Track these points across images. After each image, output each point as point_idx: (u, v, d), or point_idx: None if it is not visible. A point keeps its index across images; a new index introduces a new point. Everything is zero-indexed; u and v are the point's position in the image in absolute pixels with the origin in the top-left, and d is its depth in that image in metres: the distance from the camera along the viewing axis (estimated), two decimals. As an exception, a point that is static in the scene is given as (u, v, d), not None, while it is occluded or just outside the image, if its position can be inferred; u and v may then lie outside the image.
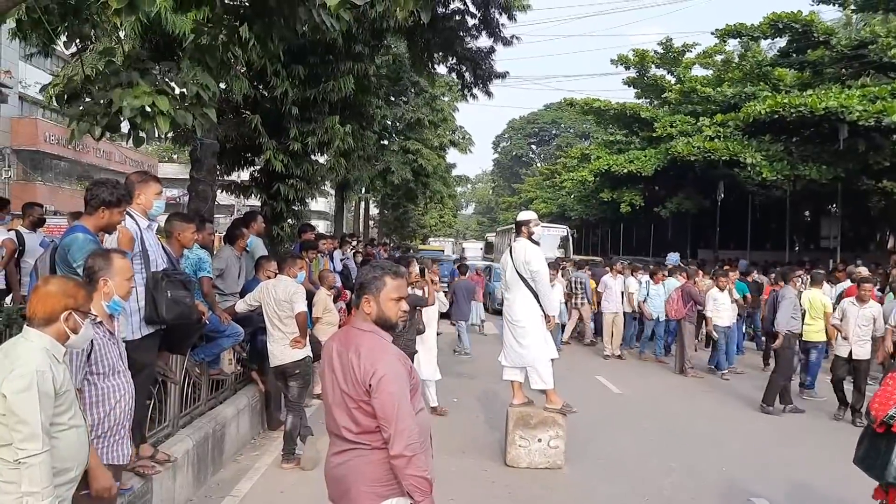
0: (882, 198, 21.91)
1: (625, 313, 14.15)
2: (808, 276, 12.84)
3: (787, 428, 8.86)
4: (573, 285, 15.60)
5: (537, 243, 7.27)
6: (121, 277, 3.66)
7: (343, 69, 11.16)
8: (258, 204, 12.87)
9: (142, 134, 4.52)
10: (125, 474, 4.26)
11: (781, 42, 23.84)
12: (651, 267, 15.15)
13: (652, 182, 29.29)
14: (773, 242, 31.75)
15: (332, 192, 28.37)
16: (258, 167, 12.30)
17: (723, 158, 22.01)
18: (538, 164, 77.06)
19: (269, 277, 7.03)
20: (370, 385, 2.77)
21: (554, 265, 12.81)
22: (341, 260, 11.44)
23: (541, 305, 7.07)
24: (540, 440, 6.88)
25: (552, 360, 7.33)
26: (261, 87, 11.24)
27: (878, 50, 19.36)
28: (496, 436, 7.62)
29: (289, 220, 12.25)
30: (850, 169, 20.50)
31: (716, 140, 22.30)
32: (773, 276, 14.50)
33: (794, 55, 22.79)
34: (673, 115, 27.72)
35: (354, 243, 14.40)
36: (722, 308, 11.95)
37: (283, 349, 6.61)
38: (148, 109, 4.14)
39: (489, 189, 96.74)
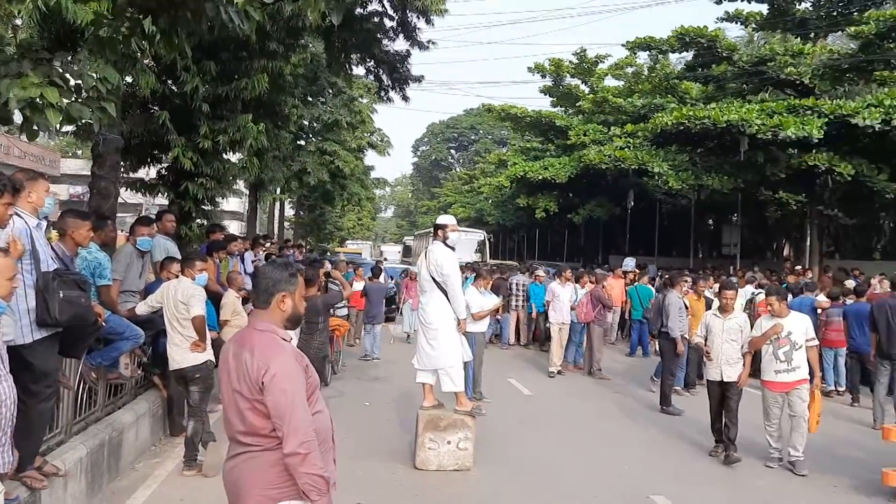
0: (778, 208, 22.98)
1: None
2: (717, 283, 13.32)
3: (686, 427, 9.21)
4: (515, 287, 15.85)
5: (452, 248, 7.34)
6: (1, 277, 3.48)
7: (257, 67, 10.92)
8: (166, 203, 12.44)
9: (35, 127, 4.32)
10: (10, 483, 4.06)
11: (689, 56, 24.79)
12: (579, 271, 14.96)
13: (566, 189, 29.92)
14: (679, 249, 32.94)
15: (246, 191, 27.76)
16: (166, 164, 11.90)
17: (632, 167, 22.71)
18: (457, 169, 77.59)
19: (169, 278, 6.82)
20: (263, 383, 2.72)
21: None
22: (252, 262, 11.19)
23: (453, 309, 7.15)
24: (449, 442, 6.92)
25: (466, 362, 7.44)
26: (170, 82, 10.88)
27: (776, 67, 20.42)
28: (407, 439, 7.63)
29: (198, 220, 11.87)
30: (749, 180, 21.47)
31: (626, 149, 23.01)
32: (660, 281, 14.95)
33: (700, 69, 23.75)
34: (586, 123, 28.47)
35: (268, 245, 14.13)
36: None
37: (182, 353, 6.42)
38: (38, 101, 3.95)
39: (408, 192, 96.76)
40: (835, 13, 21.87)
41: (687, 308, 10.54)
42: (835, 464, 7.56)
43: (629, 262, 19.27)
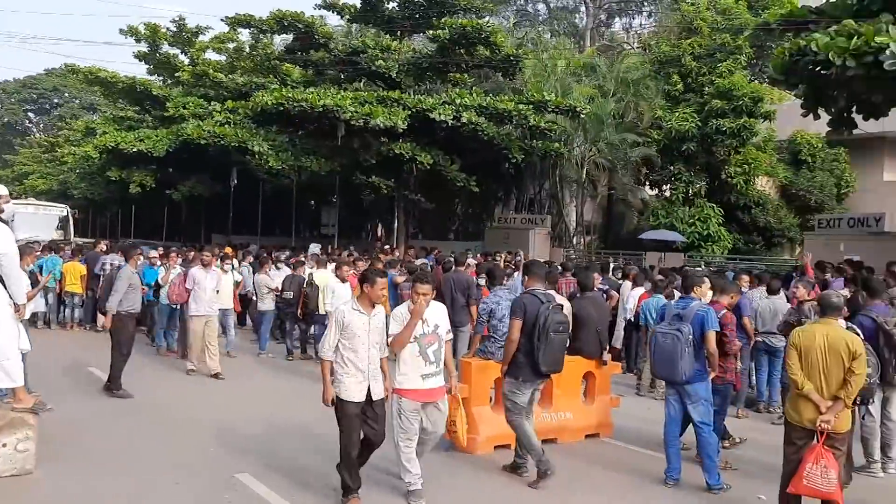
0: (372, 191, 24.77)
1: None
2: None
3: (264, 402, 9.40)
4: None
5: (6, 222, 6.36)
6: None
7: None
8: None
9: None
10: None
11: (290, 39, 25.22)
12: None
13: (164, 163, 28.29)
14: (281, 229, 33.59)
15: None
16: None
17: (233, 145, 22.37)
18: (36, 135, 68.20)
19: None
20: None
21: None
22: None
23: (9, 293, 6.21)
24: (5, 445, 6.04)
25: (24, 353, 6.53)
26: None
27: (368, 59, 21.92)
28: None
29: None
30: (346, 164, 22.77)
31: (226, 126, 22.57)
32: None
33: (300, 53, 24.37)
34: (186, 96, 27.22)
35: None
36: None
37: None
38: None
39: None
40: (417, 16, 24.19)
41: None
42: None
43: (314, 248, 19.44)
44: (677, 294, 8.18)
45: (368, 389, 5.62)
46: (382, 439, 5.78)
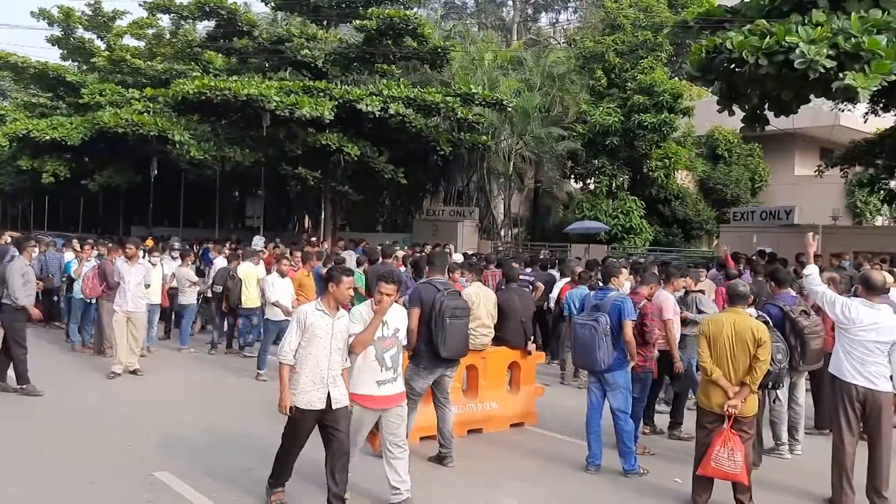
0: (298, 183, 24.40)
1: None
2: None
3: (185, 398, 9.21)
4: None
5: None
6: None
7: None
8: None
9: None
10: None
11: (213, 25, 24.56)
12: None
13: (80, 152, 27.12)
14: (205, 221, 32.79)
15: None
16: None
17: (153, 134, 21.61)
18: (-60, 122, 64.37)
19: None
20: None
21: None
22: None
23: None
24: None
25: None
26: None
27: (294, 48, 21.58)
28: None
29: None
30: (271, 154, 22.36)
31: (145, 114, 21.78)
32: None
33: (223, 40, 23.77)
34: (102, 83, 26.19)
35: None
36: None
37: None
38: None
39: None
40: (344, 5, 23.93)
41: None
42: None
43: (257, 242, 18.97)
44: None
45: (328, 396, 5.23)
46: (347, 451, 5.33)
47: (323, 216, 25.54)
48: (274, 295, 10.33)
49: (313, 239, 21.95)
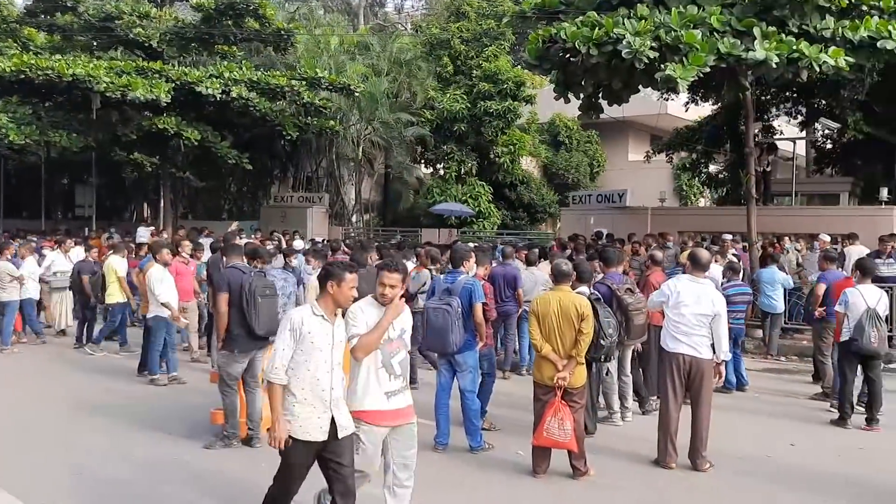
0: (134, 169, 22.98)
1: None
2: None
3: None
4: None
5: None
6: None
7: None
8: None
9: None
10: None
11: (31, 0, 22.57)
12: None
13: None
14: (29, 211, 30.31)
15: None
16: None
17: (-34, 117, 19.59)
18: None
19: None
20: None
21: None
22: None
23: None
24: None
25: None
26: None
27: (125, 26, 20.26)
28: None
29: None
30: (102, 139, 20.91)
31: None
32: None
33: (45, 16, 21.93)
34: None
35: None
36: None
37: None
38: None
39: None
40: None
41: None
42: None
43: (142, 233, 17.48)
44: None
45: (332, 423, 4.20)
46: (354, 491, 4.31)
47: (163, 204, 24.29)
48: (164, 294, 9.20)
49: (151, 228, 20.87)
